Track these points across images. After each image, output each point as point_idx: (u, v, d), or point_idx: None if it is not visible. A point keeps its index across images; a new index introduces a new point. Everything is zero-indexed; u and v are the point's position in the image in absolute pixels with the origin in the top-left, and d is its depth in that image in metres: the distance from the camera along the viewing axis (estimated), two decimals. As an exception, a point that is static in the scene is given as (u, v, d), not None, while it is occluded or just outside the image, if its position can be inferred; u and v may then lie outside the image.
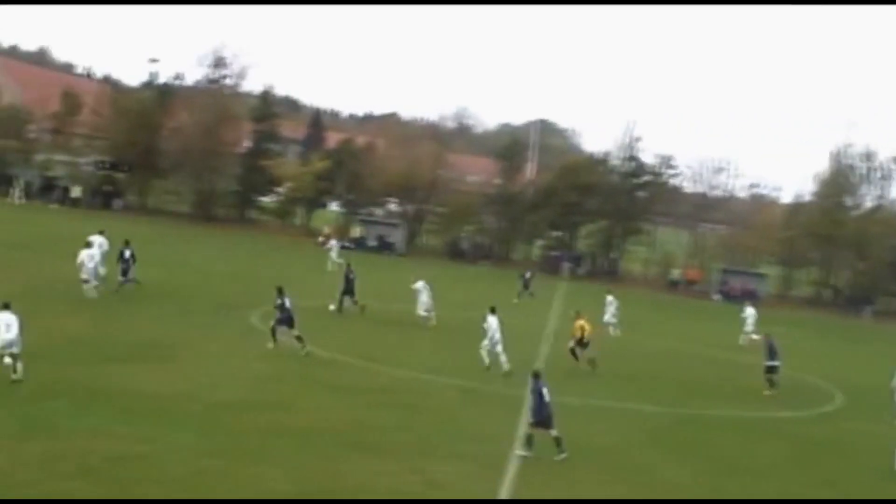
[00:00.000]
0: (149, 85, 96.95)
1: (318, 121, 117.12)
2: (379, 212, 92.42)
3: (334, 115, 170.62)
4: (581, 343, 34.15)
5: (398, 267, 66.41)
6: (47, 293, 35.57)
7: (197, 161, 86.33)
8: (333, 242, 60.05)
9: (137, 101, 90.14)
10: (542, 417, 21.53)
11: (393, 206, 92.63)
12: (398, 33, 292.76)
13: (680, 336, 47.81)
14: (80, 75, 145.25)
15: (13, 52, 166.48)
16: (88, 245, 37.32)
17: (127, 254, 38.45)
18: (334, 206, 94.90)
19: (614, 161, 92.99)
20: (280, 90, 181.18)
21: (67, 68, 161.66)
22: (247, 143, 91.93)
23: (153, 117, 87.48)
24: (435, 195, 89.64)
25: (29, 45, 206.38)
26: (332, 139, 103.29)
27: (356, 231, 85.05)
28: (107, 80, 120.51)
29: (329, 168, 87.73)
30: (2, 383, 21.93)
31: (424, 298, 40.83)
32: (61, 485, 15.97)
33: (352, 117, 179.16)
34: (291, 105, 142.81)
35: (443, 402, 26.74)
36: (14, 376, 22.23)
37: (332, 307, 40.79)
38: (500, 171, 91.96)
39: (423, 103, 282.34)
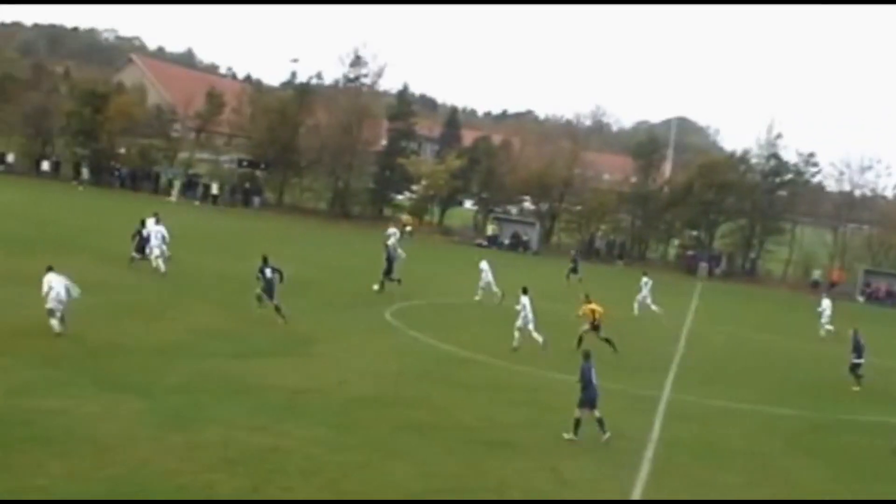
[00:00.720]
0: (288, 84, 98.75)
1: (454, 119, 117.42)
2: (513, 210, 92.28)
3: (470, 113, 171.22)
4: (594, 327, 33.46)
5: (531, 265, 66.28)
6: (188, 288, 36.58)
7: (334, 159, 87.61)
8: (393, 230, 60.01)
9: (277, 100, 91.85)
10: (589, 398, 21.81)
11: (527, 205, 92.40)
12: (535, 32, 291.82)
13: (821, 338, 46.45)
14: (224, 75, 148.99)
15: (160, 54, 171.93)
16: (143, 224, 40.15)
17: (145, 232, 40.05)
18: (468, 204, 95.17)
19: (754, 159, 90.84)
20: (417, 89, 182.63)
21: (211, 69, 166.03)
22: (383, 142, 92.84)
23: (292, 116, 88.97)
24: (570, 193, 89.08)
25: (175, 46, 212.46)
26: (468, 137, 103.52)
27: (490, 229, 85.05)
28: (248, 80, 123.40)
29: (464, 166, 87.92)
30: (149, 377, 22.65)
31: (488, 278, 43.14)
32: (202, 476, 16.39)
33: (487, 115, 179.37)
34: (428, 103, 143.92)
35: (573, 401, 26.53)
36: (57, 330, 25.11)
37: (375, 287, 41.99)
38: (637, 170, 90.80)
39: (559, 101, 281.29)
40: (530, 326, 32.18)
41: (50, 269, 26.43)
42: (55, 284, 25.71)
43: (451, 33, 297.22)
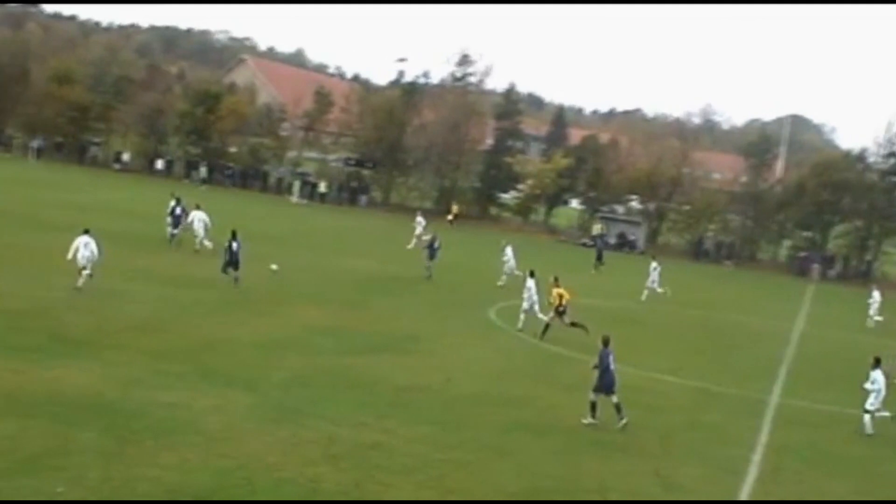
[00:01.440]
0: (396, 83, 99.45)
1: (561, 118, 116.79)
2: (620, 209, 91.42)
3: (576, 111, 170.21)
4: (559, 312, 32.79)
5: (637, 265, 65.56)
6: (296, 285, 37.06)
7: (440, 158, 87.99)
8: (420, 220, 59.87)
9: (385, 100, 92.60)
10: (606, 384, 22.10)
11: (635, 204, 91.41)
12: (645, 29, 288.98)
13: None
14: (332, 75, 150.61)
15: (271, 54, 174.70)
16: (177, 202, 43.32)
17: (178, 210, 43.30)
18: (575, 203, 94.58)
19: (872, 158, 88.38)
20: (523, 87, 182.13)
21: (320, 69, 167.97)
22: (489, 140, 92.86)
23: (399, 115, 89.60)
24: (678, 193, 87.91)
25: (286, 47, 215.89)
26: (575, 136, 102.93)
27: (596, 228, 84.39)
28: (356, 80, 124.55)
29: (571, 165, 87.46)
30: (257, 372, 23.00)
31: (511, 263, 44.83)
32: (307, 469, 16.56)
33: (594, 114, 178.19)
34: (534, 102, 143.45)
35: (681, 403, 26.21)
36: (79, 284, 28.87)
37: (426, 274, 43.79)
38: (747, 169, 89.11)
39: (668, 100, 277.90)
40: (535, 307, 33.25)
41: (86, 231, 30.55)
42: (82, 246, 29.86)
43: (558, 31, 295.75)
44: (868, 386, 24.58)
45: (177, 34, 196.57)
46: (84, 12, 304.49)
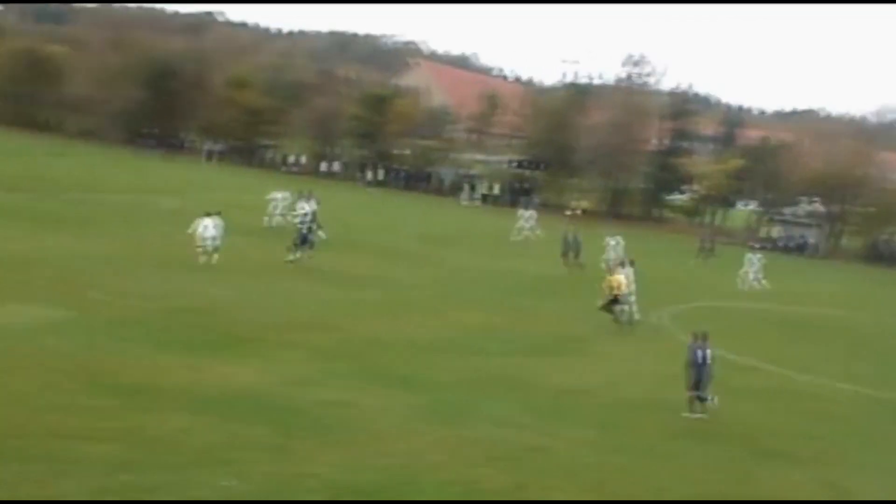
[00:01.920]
0: (564, 85, 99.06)
1: (732, 118, 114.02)
2: (795, 211, 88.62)
3: (750, 112, 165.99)
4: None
5: (813, 269, 63.60)
6: (461, 285, 37.28)
7: (608, 159, 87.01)
8: (529, 213, 59.10)
9: (553, 101, 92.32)
10: (700, 379, 21.97)
11: (810, 206, 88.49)
12: (819, 28, 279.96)
13: None
14: (500, 77, 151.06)
15: (439, 57, 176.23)
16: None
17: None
18: (746, 205, 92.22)
19: None
20: (695, 87, 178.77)
21: (488, 71, 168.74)
22: (655, 141, 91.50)
23: (568, 117, 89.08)
24: (858, 195, 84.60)
25: (454, 50, 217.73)
26: (747, 136, 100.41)
27: (770, 231, 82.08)
28: (524, 82, 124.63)
29: (744, 166, 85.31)
30: (422, 372, 23.18)
31: (612, 255, 45.00)
32: (468, 471, 16.58)
33: (764, 114, 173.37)
34: (705, 102, 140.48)
35: (854, 411, 25.22)
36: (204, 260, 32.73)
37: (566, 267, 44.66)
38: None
39: (845, 99, 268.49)
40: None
41: (207, 214, 34.82)
42: (201, 226, 34.22)
43: (729, 31, 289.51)
44: None
45: (349, 39, 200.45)
46: (261, 19, 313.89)
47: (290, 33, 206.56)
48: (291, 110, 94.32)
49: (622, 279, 32.74)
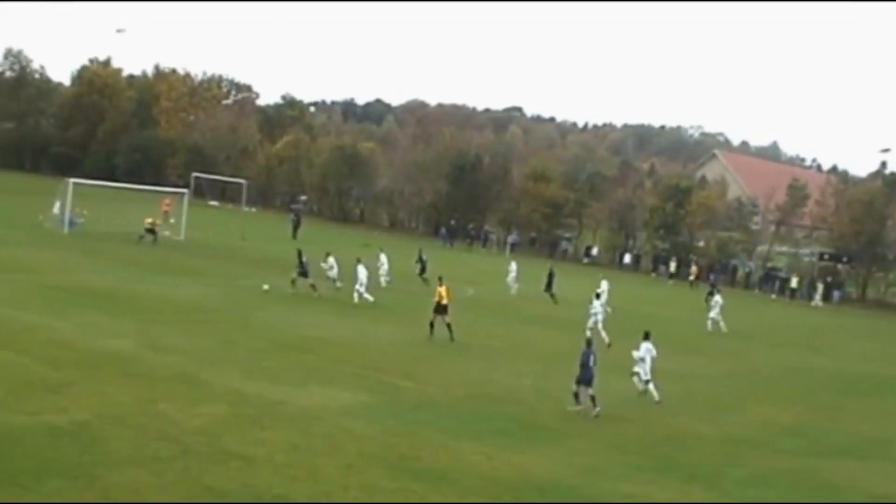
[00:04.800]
0: (877, 174, 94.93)
1: None
2: None
3: None
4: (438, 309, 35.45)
5: None
6: (760, 380, 36.18)
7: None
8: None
9: (864, 192, 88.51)
10: (585, 378, 25.92)
11: None
12: None
13: None
14: (808, 167, 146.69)
15: (744, 148, 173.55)
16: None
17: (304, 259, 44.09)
18: None
19: None
20: None
21: (796, 161, 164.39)
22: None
23: (880, 208, 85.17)
24: None
25: (759, 140, 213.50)
26: None
27: None
28: (834, 172, 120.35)
29: None
30: (717, 468, 22.59)
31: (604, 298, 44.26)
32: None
33: None
34: None
35: None
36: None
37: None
38: None
39: None
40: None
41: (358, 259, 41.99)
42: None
43: None
44: None
45: (650, 131, 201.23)
46: (564, 114, 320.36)
47: (593, 126, 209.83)
48: (591, 202, 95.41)
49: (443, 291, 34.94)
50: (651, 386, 28.92)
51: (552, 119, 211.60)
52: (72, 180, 59.43)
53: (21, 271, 40.32)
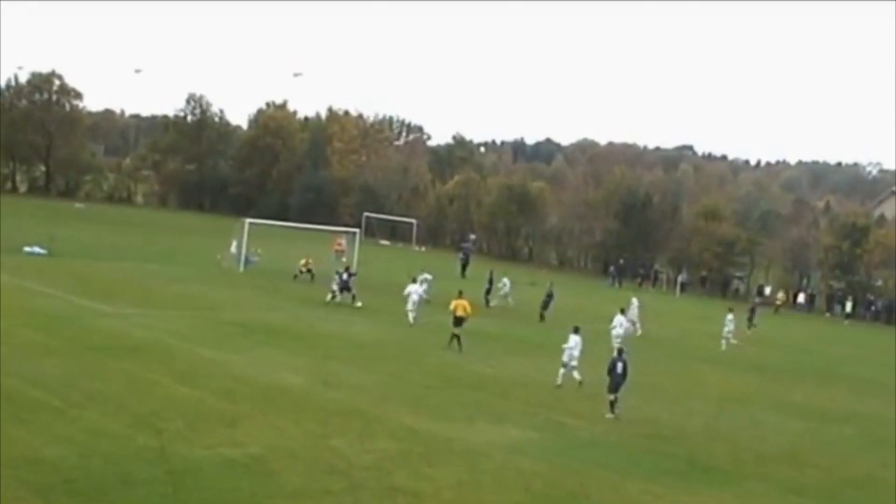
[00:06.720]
0: None
1: None
2: None
3: None
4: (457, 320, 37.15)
5: None
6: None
7: None
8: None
9: None
10: (613, 384, 27.70)
11: None
12: None
13: None
14: None
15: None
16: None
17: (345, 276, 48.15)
18: None
19: None
20: None
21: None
22: None
23: None
24: None
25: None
26: None
27: None
28: None
29: None
30: None
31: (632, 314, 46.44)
32: None
33: None
34: None
35: None
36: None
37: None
38: None
39: None
40: (573, 363, 31.71)
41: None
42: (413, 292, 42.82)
43: None
44: None
45: (825, 168, 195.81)
46: (736, 151, 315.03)
47: (766, 164, 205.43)
48: (763, 241, 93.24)
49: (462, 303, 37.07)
50: (576, 373, 31.44)
51: (724, 157, 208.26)
52: (247, 220, 61.30)
53: (199, 308, 41.78)
